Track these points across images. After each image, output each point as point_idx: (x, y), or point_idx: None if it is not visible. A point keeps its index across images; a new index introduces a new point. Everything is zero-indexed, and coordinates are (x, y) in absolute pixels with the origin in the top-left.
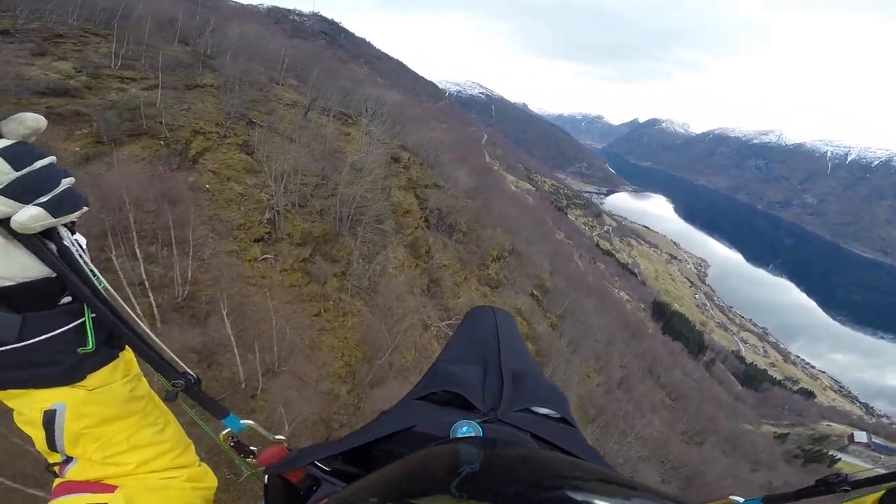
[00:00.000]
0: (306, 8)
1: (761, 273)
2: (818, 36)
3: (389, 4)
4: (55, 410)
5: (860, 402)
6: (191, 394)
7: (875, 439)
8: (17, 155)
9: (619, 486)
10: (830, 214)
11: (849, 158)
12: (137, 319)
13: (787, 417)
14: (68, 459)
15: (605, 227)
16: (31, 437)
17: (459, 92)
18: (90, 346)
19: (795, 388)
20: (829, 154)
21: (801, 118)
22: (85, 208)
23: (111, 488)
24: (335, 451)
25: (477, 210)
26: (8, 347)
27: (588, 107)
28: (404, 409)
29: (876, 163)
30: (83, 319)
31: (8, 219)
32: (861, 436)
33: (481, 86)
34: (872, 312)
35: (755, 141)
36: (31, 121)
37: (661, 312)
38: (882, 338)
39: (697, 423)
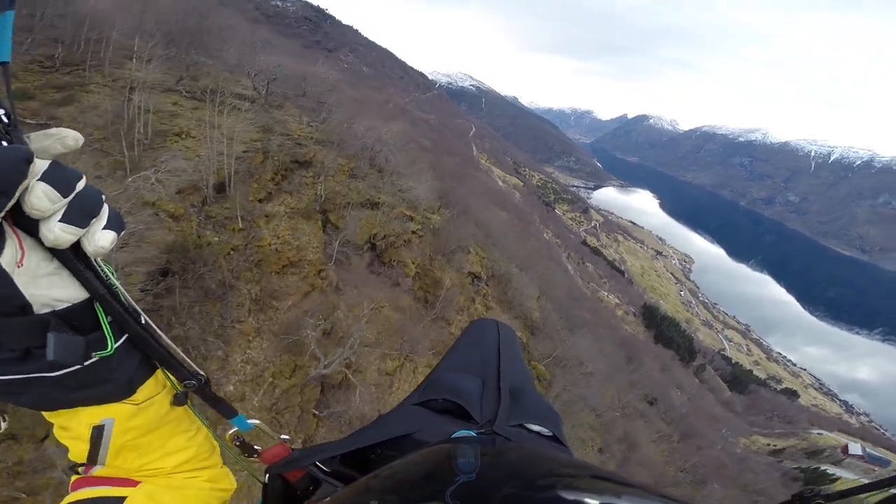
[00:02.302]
0: None
1: (742, 268)
2: (806, 37)
3: None
4: (104, 426)
5: (840, 400)
6: (201, 394)
7: (869, 449)
8: (61, 179)
9: (616, 484)
10: (811, 213)
11: (832, 158)
12: (150, 321)
13: (778, 425)
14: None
15: (593, 223)
16: (66, 447)
17: (450, 84)
18: (109, 350)
19: (779, 387)
20: (812, 153)
21: (787, 117)
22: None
23: (133, 483)
24: (337, 451)
25: (443, 231)
26: (73, 369)
27: (578, 101)
28: (404, 414)
29: (858, 163)
30: (127, 335)
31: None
32: (855, 448)
33: (472, 78)
34: (848, 308)
35: (741, 139)
36: (72, 140)
37: (652, 317)
38: (857, 333)
39: (699, 458)
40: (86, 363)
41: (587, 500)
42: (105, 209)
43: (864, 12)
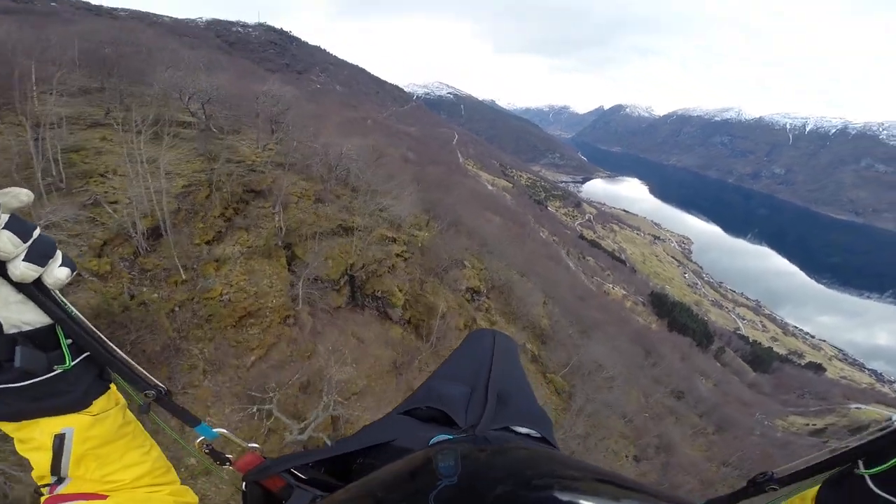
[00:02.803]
0: (251, 19)
1: (741, 243)
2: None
3: (345, 11)
4: (65, 434)
5: (868, 369)
6: (162, 404)
7: None
8: (21, 228)
9: (618, 488)
10: (799, 183)
11: (807, 129)
12: (108, 342)
13: (811, 402)
14: (59, 480)
15: (587, 216)
16: (29, 463)
17: (427, 94)
18: (67, 364)
19: (803, 362)
20: (788, 126)
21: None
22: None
23: (102, 496)
24: (309, 459)
25: (433, 248)
26: (38, 379)
27: (554, 98)
28: (386, 424)
29: (833, 131)
30: (87, 354)
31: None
32: None
33: (448, 86)
34: (853, 273)
35: (717, 118)
36: (25, 196)
37: (662, 305)
38: (868, 297)
39: (741, 449)
40: (47, 375)
41: (582, 502)
42: (58, 252)
43: None
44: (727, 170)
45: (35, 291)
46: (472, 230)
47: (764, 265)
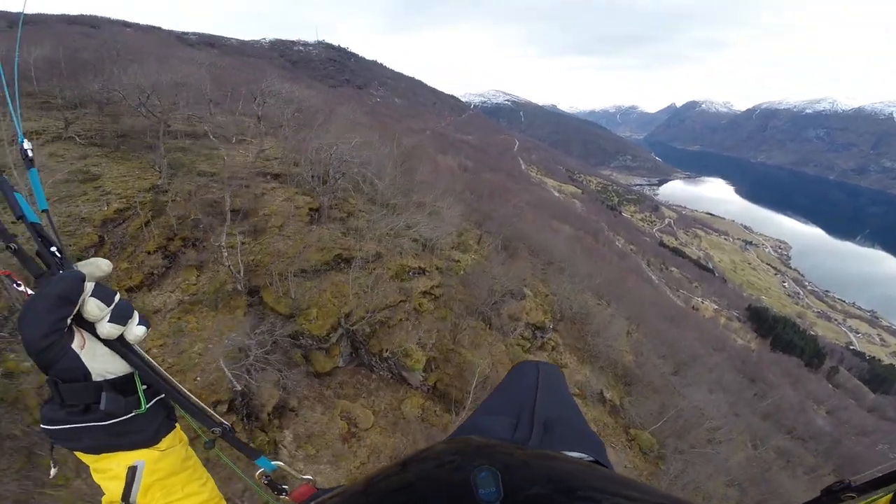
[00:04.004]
0: (310, 37)
1: (849, 246)
2: None
3: (398, 25)
4: (136, 467)
5: None
6: (227, 439)
7: None
8: (104, 294)
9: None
10: None
11: None
12: (181, 387)
13: None
14: None
15: (666, 221)
16: (102, 489)
17: (484, 102)
18: (142, 409)
19: None
20: (895, 115)
21: (850, 83)
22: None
23: None
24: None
25: (478, 274)
26: (118, 420)
27: (619, 99)
28: None
29: None
30: (161, 397)
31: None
32: None
33: (505, 93)
34: None
35: (808, 111)
36: (105, 265)
37: (762, 320)
38: None
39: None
40: (126, 416)
41: None
42: (135, 313)
43: None
44: (827, 165)
45: (119, 346)
46: (536, 246)
47: (879, 270)
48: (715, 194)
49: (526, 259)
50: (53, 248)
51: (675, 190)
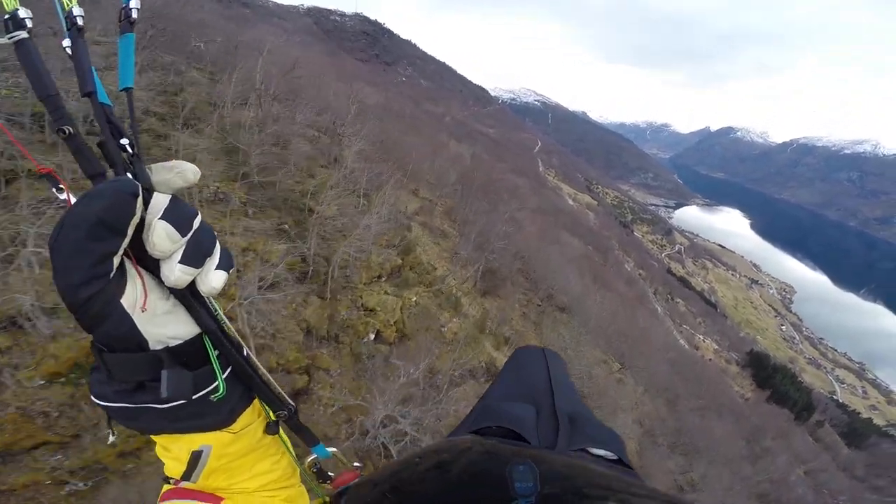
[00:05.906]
0: (350, 8)
1: (851, 297)
2: None
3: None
4: (202, 451)
5: None
6: (290, 423)
7: None
8: (181, 217)
9: None
10: None
11: None
12: (251, 354)
13: None
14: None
15: (677, 247)
16: (164, 462)
17: (513, 99)
18: (221, 393)
19: None
20: None
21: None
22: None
23: (219, 499)
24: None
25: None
26: (181, 402)
27: (653, 114)
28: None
29: None
30: (231, 368)
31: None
32: None
33: (536, 93)
34: None
35: (847, 151)
36: (192, 174)
37: (762, 368)
38: None
39: None
40: (193, 398)
41: None
42: (218, 248)
43: None
44: (850, 211)
45: (189, 298)
46: (537, 269)
47: (874, 324)
48: (729, 226)
49: (515, 290)
50: (125, 141)
51: (690, 216)
